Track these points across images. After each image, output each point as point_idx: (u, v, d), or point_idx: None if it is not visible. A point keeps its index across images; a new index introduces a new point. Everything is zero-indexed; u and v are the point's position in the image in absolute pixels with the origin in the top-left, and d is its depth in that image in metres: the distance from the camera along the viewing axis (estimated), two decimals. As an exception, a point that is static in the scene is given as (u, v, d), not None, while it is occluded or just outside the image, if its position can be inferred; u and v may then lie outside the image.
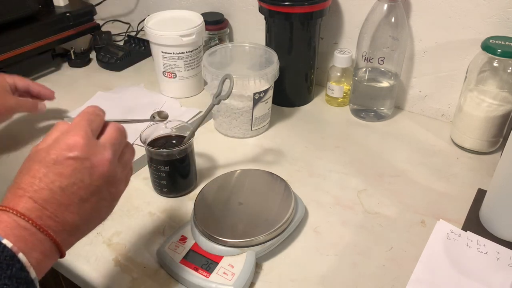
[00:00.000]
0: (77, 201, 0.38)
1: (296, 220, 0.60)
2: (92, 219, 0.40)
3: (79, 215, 0.38)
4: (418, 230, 0.61)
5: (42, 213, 0.36)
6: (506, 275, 0.54)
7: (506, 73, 0.68)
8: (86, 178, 0.38)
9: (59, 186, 0.37)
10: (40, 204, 0.36)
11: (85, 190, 0.38)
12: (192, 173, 0.67)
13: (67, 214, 0.37)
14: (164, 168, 0.63)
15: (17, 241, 0.34)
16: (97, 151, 0.39)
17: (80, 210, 0.38)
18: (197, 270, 0.53)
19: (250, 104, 0.76)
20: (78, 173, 0.38)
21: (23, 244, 0.34)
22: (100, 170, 0.39)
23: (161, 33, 0.83)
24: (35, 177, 0.37)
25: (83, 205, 0.38)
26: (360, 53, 0.79)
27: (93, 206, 0.39)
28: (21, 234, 0.34)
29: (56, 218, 0.37)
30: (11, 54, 0.92)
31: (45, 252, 0.36)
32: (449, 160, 0.74)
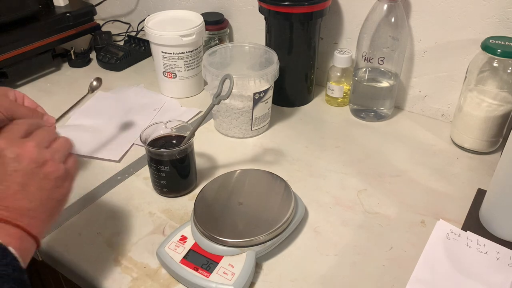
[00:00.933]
0: (18, 188, 0.41)
1: (296, 220, 0.60)
2: (45, 200, 0.43)
3: (28, 199, 0.42)
4: (418, 230, 0.61)
5: None
6: (506, 275, 0.54)
7: (506, 73, 0.68)
8: (16, 166, 0.42)
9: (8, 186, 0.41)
10: None
11: (22, 176, 0.42)
12: (192, 173, 0.67)
13: (16, 201, 0.41)
14: (164, 168, 0.63)
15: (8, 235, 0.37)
16: (21, 142, 0.44)
17: (26, 195, 0.42)
18: (197, 270, 0.53)
19: (250, 104, 0.76)
20: (7, 165, 0.42)
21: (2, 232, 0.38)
22: (25, 155, 0.43)
23: (161, 33, 0.83)
24: None
25: (27, 190, 0.42)
26: (360, 53, 0.79)
27: (37, 188, 0.43)
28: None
29: (7, 208, 0.40)
30: (11, 54, 0.92)
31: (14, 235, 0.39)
32: (449, 160, 0.74)
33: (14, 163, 0.42)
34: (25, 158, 0.43)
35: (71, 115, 0.86)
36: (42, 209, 0.43)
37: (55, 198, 0.45)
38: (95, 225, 0.62)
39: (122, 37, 1.15)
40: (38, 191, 0.43)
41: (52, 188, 0.44)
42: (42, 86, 0.97)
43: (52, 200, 0.44)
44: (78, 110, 0.87)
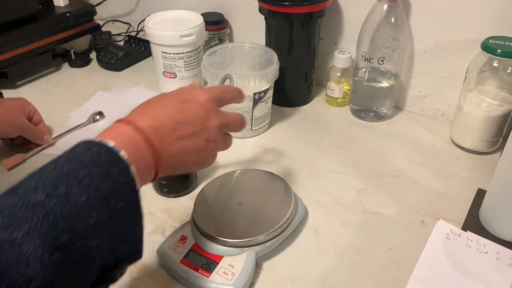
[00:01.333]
0: (183, 136, 0.44)
1: (296, 220, 0.60)
2: (184, 160, 0.45)
3: (178, 147, 0.44)
4: (418, 230, 0.61)
5: (155, 132, 0.42)
6: (506, 275, 0.54)
7: (506, 73, 0.68)
8: (198, 125, 0.46)
9: (178, 119, 0.44)
10: (157, 125, 0.42)
11: (192, 133, 0.45)
12: (192, 173, 0.67)
13: (172, 142, 0.43)
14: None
15: (130, 152, 0.38)
16: (215, 113, 0.48)
17: (181, 144, 0.44)
18: (197, 270, 0.53)
19: (250, 104, 0.76)
20: (196, 118, 0.46)
21: (133, 154, 0.39)
22: (210, 126, 0.47)
23: (161, 33, 0.83)
24: (163, 106, 0.45)
25: (185, 142, 0.45)
26: (360, 53, 0.79)
27: (191, 149, 0.45)
28: (135, 146, 0.40)
29: (163, 140, 0.42)
30: (11, 54, 0.92)
31: (148, 166, 0.41)
32: (449, 160, 0.74)
33: (199, 123, 0.46)
34: (208, 127, 0.47)
35: (71, 115, 0.86)
36: (176, 163, 0.45)
37: (188, 166, 0.48)
38: (95, 225, 0.62)
39: (122, 37, 1.15)
40: (188, 151, 0.45)
41: (195, 158, 0.47)
42: (42, 86, 0.97)
43: (185, 165, 0.47)
44: (78, 110, 0.87)
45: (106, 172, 0.35)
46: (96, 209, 0.34)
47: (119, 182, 0.36)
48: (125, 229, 0.36)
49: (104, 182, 0.35)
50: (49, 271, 0.30)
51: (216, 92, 0.49)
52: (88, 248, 0.33)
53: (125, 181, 0.37)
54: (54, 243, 0.30)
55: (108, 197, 0.35)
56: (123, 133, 0.40)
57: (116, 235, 0.36)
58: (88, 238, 0.33)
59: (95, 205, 0.34)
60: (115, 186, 0.35)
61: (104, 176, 0.35)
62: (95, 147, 0.37)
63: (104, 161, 0.36)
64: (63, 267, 0.31)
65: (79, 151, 0.36)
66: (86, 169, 0.35)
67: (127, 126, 0.41)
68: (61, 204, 0.32)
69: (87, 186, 0.34)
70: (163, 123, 0.43)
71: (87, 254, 0.33)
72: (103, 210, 0.34)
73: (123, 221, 0.36)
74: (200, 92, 0.48)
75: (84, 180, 0.34)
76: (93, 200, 0.34)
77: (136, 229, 0.38)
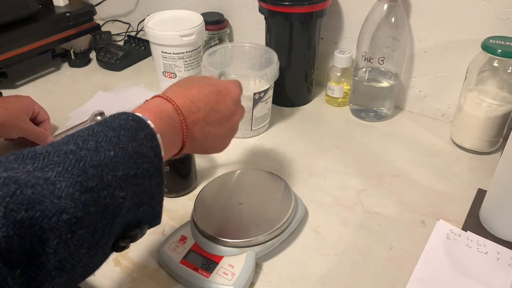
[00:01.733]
0: (213, 123, 0.48)
1: (296, 220, 0.60)
2: (207, 143, 0.50)
3: (206, 132, 0.48)
4: (418, 230, 0.61)
5: (190, 115, 0.46)
6: (506, 275, 0.54)
7: (506, 73, 0.68)
8: (227, 117, 0.50)
9: (212, 108, 0.48)
10: (194, 109, 0.46)
11: (219, 122, 0.49)
12: (192, 173, 0.67)
13: (203, 126, 0.47)
14: (164, 168, 0.63)
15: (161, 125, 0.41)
16: (240, 107, 0.53)
17: (209, 130, 0.48)
18: (197, 270, 0.53)
19: (250, 104, 0.75)
20: (226, 110, 0.50)
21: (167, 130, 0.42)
22: (235, 119, 0.52)
23: (161, 33, 0.83)
24: (201, 91, 0.48)
25: (213, 129, 0.49)
26: (360, 53, 0.79)
27: (216, 136, 0.50)
28: (167, 122, 0.43)
29: (194, 125, 0.46)
30: (11, 54, 0.92)
31: (175, 143, 0.45)
32: (449, 160, 0.74)
33: (227, 115, 0.50)
34: (233, 120, 0.52)
35: (71, 115, 0.86)
36: (199, 145, 0.49)
37: (207, 150, 0.53)
38: (95, 225, 0.62)
39: (122, 37, 1.15)
40: (211, 138, 0.49)
41: (216, 145, 0.52)
42: (42, 86, 0.97)
43: (204, 148, 0.51)
44: (78, 110, 0.87)
45: (133, 135, 0.38)
46: (123, 164, 0.36)
47: (144, 145, 0.39)
48: (148, 190, 0.39)
49: (131, 143, 0.38)
50: (78, 208, 0.32)
51: (241, 87, 0.55)
52: (114, 197, 0.35)
53: (151, 145, 0.39)
54: (83, 186, 0.33)
55: (135, 156, 0.37)
56: (163, 110, 0.43)
57: (140, 193, 0.38)
58: (115, 188, 0.35)
59: (122, 161, 0.36)
60: (141, 148, 0.38)
61: (131, 138, 0.38)
62: (123, 115, 0.40)
63: (131, 126, 0.39)
64: (91, 208, 0.33)
65: (109, 119, 0.40)
66: (115, 131, 0.38)
67: (168, 104, 0.44)
68: (91, 155, 0.35)
69: (115, 144, 0.37)
70: (199, 108, 0.47)
71: (113, 203, 0.35)
72: (129, 166, 0.37)
73: (147, 181, 0.39)
74: (234, 88, 0.53)
75: (113, 139, 0.37)
76: (121, 156, 0.36)
77: (158, 193, 0.41)
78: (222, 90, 0.50)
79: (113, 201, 0.35)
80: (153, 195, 0.41)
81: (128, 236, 0.39)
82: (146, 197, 0.40)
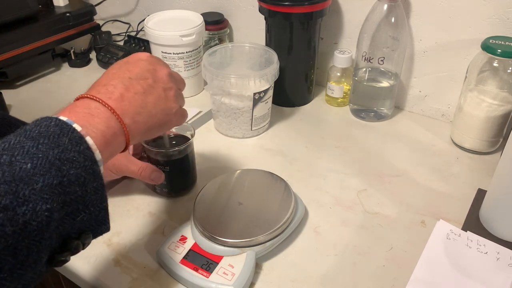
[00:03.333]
0: (140, 91, 0.45)
1: (296, 220, 0.60)
2: (152, 114, 0.46)
3: (140, 103, 0.44)
4: (418, 230, 0.61)
5: (110, 95, 0.42)
6: (506, 275, 0.54)
7: (506, 73, 0.68)
8: (149, 77, 0.46)
9: (128, 77, 0.45)
10: (110, 89, 0.43)
11: (148, 85, 0.46)
12: (192, 173, 0.67)
13: (132, 99, 0.44)
14: (164, 168, 0.63)
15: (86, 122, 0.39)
16: (160, 64, 0.49)
17: (142, 100, 0.45)
18: (197, 270, 0.53)
19: (250, 104, 0.76)
20: (144, 71, 0.46)
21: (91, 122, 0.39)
22: (160, 76, 0.48)
23: (161, 33, 0.83)
24: (109, 73, 0.45)
25: (145, 97, 0.45)
26: (360, 53, 0.79)
27: (154, 102, 0.46)
28: (91, 114, 0.40)
29: (122, 101, 0.43)
30: (11, 54, 0.92)
31: (112, 128, 0.41)
32: (449, 160, 0.74)
33: (149, 75, 0.46)
34: (158, 77, 0.47)
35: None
36: (145, 119, 0.45)
37: (160, 120, 0.48)
38: (95, 225, 0.62)
39: (122, 37, 1.14)
40: (151, 105, 0.46)
41: (161, 109, 0.47)
42: (42, 86, 0.97)
43: (156, 118, 0.47)
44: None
45: (55, 142, 0.36)
46: (43, 175, 0.34)
47: (70, 150, 0.36)
48: (83, 198, 0.37)
49: (52, 151, 0.35)
50: None
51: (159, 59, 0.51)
52: (36, 212, 0.33)
53: (78, 149, 0.36)
54: None
55: (58, 163, 0.35)
56: (77, 105, 0.41)
57: (73, 202, 0.36)
58: (36, 203, 0.33)
59: (41, 171, 0.34)
60: (65, 153, 0.36)
61: (52, 146, 0.35)
62: (45, 121, 0.37)
63: (53, 132, 0.36)
64: (7, 228, 0.31)
65: (28, 127, 0.37)
66: (33, 140, 0.35)
67: (82, 99, 0.42)
68: (3, 170, 0.32)
69: (33, 154, 0.34)
70: (115, 86, 0.44)
71: (36, 218, 0.33)
72: (52, 175, 0.34)
73: (80, 188, 0.36)
74: (139, 53, 0.49)
75: (30, 150, 0.34)
76: (40, 166, 0.34)
77: (97, 199, 0.38)
78: (129, 60, 0.48)
79: (35, 217, 0.33)
80: (92, 202, 0.38)
81: (67, 248, 0.37)
82: (81, 205, 0.37)
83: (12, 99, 0.90)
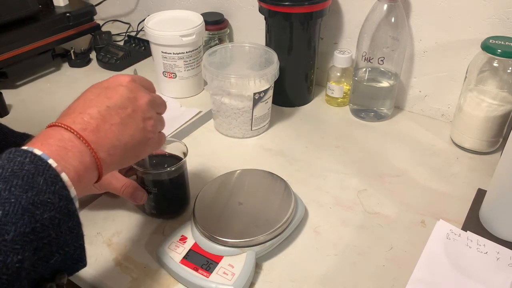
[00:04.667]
0: (118, 122, 0.42)
1: (296, 220, 0.60)
2: (129, 147, 0.44)
3: (117, 136, 0.42)
4: (418, 230, 0.61)
5: (86, 126, 0.40)
6: (506, 275, 0.54)
7: (506, 73, 0.68)
8: (129, 106, 0.44)
9: (107, 106, 0.42)
10: (86, 118, 0.41)
11: (126, 116, 0.43)
12: (184, 196, 0.63)
13: (108, 131, 0.41)
14: (152, 189, 0.59)
15: (60, 156, 0.37)
16: (141, 90, 0.46)
17: (119, 132, 0.42)
18: (197, 270, 0.53)
19: (250, 104, 0.76)
20: (124, 100, 0.44)
21: (64, 157, 0.37)
22: (140, 104, 0.45)
23: (161, 33, 0.83)
24: (86, 99, 0.43)
25: (123, 129, 0.43)
26: (360, 53, 0.79)
27: (131, 134, 0.44)
28: (64, 147, 0.38)
29: (97, 133, 0.41)
30: (11, 54, 0.92)
31: (85, 164, 0.39)
32: (449, 160, 0.74)
33: (129, 103, 0.44)
34: (138, 105, 0.45)
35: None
36: (122, 152, 0.43)
37: (137, 152, 0.46)
38: (95, 225, 0.62)
39: (122, 37, 1.15)
40: (129, 137, 0.43)
41: (140, 142, 0.45)
42: (42, 86, 0.97)
43: (134, 151, 0.45)
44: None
45: (29, 183, 0.34)
46: (14, 223, 0.32)
47: (45, 192, 0.34)
48: (57, 240, 0.35)
49: (25, 194, 0.33)
50: None
51: (135, 75, 0.48)
52: (7, 265, 0.31)
53: (53, 190, 0.35)
54: None
55: (31, 208, 0.33)
56: (50, 136, 0.38)
57: (47, 246, 0.34)
58: (6, 255, 0.31)
59: (13, 219, 0.32)
60: (40, 196, 0.34)
61: (26, 188, 0.33)
62: (19, 157, 0.35)
63: (27, 171, 0.34)
64: None
65: (1, 162, 0.34)
66: (6, 182, 0.33)
67: (55, 128, 0.40)
68: None
69: (5, 200, 0.32)
70: (92, 115, 0.41)
71: (6, 271, 0.31)
72: (24, 222, 0.32)
73: (54, 231, 0.34)
74: (120, 76, 0.46)
75: (1, 194, 0.32)
76: (12, 213, 0.32)
77: (72, 238, 0.36)
78: (109, 84, 0.45)
79: (5, 270, 0.31)
80: (66, 242, 0.36)
81: None
82: (55, 247, 0.35)
83: (12, 99, 0.90)
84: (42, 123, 0.86)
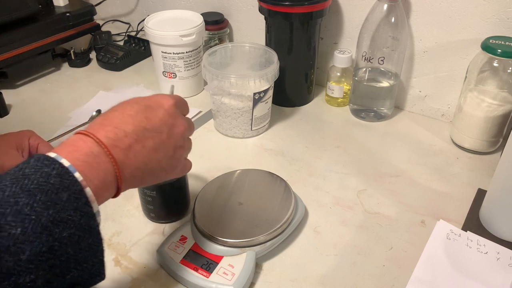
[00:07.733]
0: (151, 146, 0.41)
1: (296, 220, 0.60)
2: (153, 172, 0.43)
3: (145, 159, 0.41)
4: (418, 230, 0.61)
5: (118, 144, 0.39)
6: (506, 275, 0.54)
7: (506, 73, 0.68)
8: (165, 132, 0.43)
9: (144, 127, 0.41)
10: (121, 135, 0.39)
11: (160, 141, 0.42)
12: (183, 201, 0.63)
13: (139, 153, 0.40)
14: (151, 192, 0.59)
15: (86, 170, 0.36)
16: (180, 117, 0.46)
17: (148, 156, 0.41)
18: (197, 270, 0.53)
19: (250, 104, 0.76)
20: (162, 124, 0.43)
21: (90, 171, 0.36)
22: (176, 132, 0.44)
23: (161, 33, 0.83)
24: (124, 113, 0.41)
25: (153, 153, 0.42)
26: (360, 53, 0.79)
27: (159, 160, 0.43)
28: (91, 162, 0.37)
29: (128, 152, 0.39)
30: (11, 54, 0.92)
31: (106, 183, 0.38)
32: (449, 160, 0.74)
33: (165, 130, 0.43)
34: (174, 133, 0.44)
35: (71, 115, 0.86)
36: (144, 176, 0.42)
37: (158, 178, 0.45)
38: (95, 225, 0.62)
39: (122, 37, 1.15)
40: (156, 163, 0.43)
41: (164, 168, 0.44)
42: (42, 86, 0.97)
43: (155, 176, 0.44)
44: (78, 110, 0.87)
45: (52, 199, 0.32)
46: (32, 242, 0.31)
47: (66, 209, 0.33)
48: (75, 257, 0.34)
49: (47, 211, 0.32)
50: None
51: (177, 97, 0.47)
52: (18, 285, 0.30)
53: (76, 206, 0.34)
54: None
55: (50, 226, 0.32)
56: (80, 147, 0.37)
57: (64, 263, 0.33)
58: (19, 275, 0.30)
59: (31, 238, 0.31)
60: (61, 213, 0.33)
61: (48, 204, 0.32)
62: (46, 167, 0.34)
63: (52, 185, 0.33)
64: None
65: (28, 171, 0.33)
66: (29, 196, 0.32)
67: (86, 138, 0.38)
68: None
69: (25, 215, 0.31)
70: (127, 133, 0.40)
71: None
72: (41, 241, 0.31)
73: (72, 249, 0.33)
74: (166, 99, 0.45)
75: (23, 209, 0.31)
76: (30, 231, 0.31)
77: (91, 254, 0.35)
78: (151, 104, 0.43)
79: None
80: (85, 259, 0.35)
81: None
82: (73, 264, 0.34)
83: (12, 99, 0.90)
84: (42, 123, 0.87)
